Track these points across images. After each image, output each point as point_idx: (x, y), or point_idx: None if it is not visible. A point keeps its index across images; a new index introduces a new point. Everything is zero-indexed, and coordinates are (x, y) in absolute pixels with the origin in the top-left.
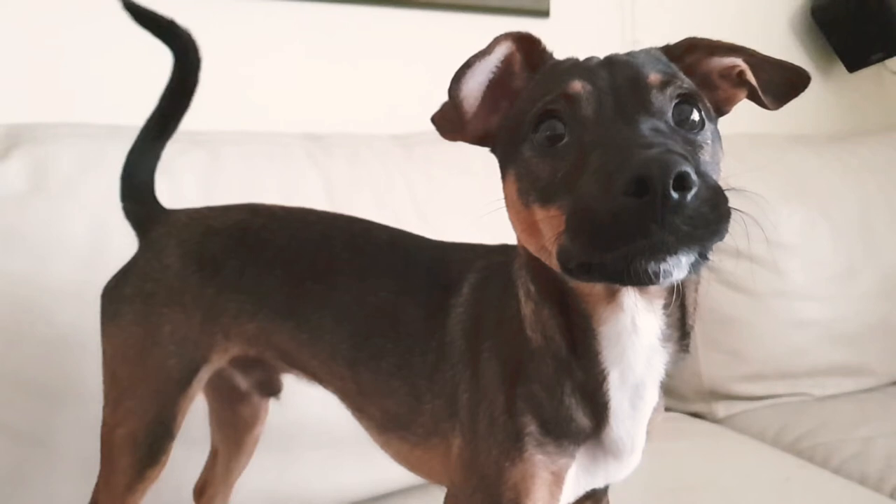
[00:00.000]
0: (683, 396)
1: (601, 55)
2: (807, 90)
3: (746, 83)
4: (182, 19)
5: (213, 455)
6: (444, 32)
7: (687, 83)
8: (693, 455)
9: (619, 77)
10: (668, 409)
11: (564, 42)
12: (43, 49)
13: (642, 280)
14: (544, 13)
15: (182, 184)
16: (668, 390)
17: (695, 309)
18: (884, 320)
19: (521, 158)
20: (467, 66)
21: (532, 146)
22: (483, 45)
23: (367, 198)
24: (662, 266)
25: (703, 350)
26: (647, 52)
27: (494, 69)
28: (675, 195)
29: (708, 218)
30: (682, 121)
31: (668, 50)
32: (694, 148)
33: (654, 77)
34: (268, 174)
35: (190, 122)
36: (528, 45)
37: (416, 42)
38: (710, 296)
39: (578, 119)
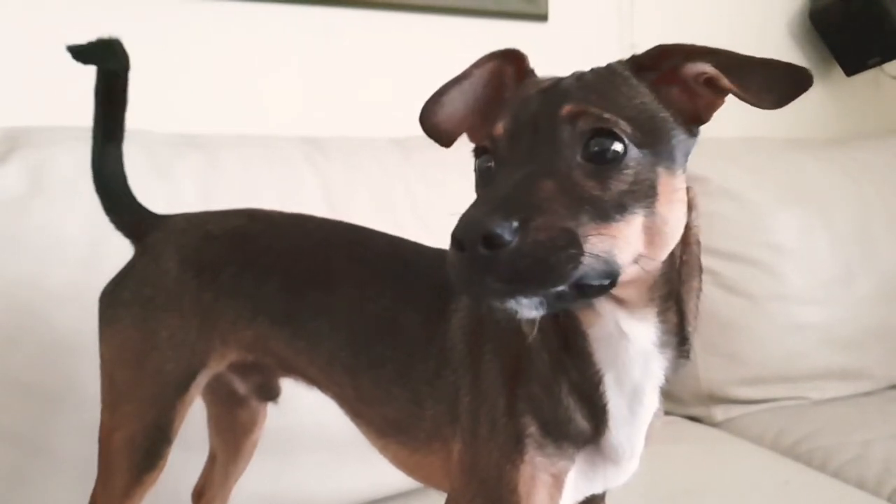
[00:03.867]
0: (681, 400)
1: (600, 59)
2: (805, 94)
3: (723, 88)
4: (179, 24)
5: (212, 459)
6: (443, 36)
7: (607, 114)
8: (691, 459)
9: (544, 108)
10: (666, 413)
11: (563, 46)
12: (42, 52)
13: (500, 317)
14: (543, 17)
15: (180, 187)
16: (666, 394)
17: (695, 316)
18: (882, 324)
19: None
20: (441, 93)
21: (477, 174)
22: (476, 57)
23: (366, 201)
24: (506, 306)
25: (702, 353)
26: (607, 68)
27: (482, 88)
28: (485, 252)
29: (530, 269)
30: (599, 152)
31: (637, 60)
32: (601, 182)
33: (566, 110)
34: (266, 177)
35: (188, 125)
36: (516, 60)
37: (415, 45)
38: (709, 299)
39: (497, 158)
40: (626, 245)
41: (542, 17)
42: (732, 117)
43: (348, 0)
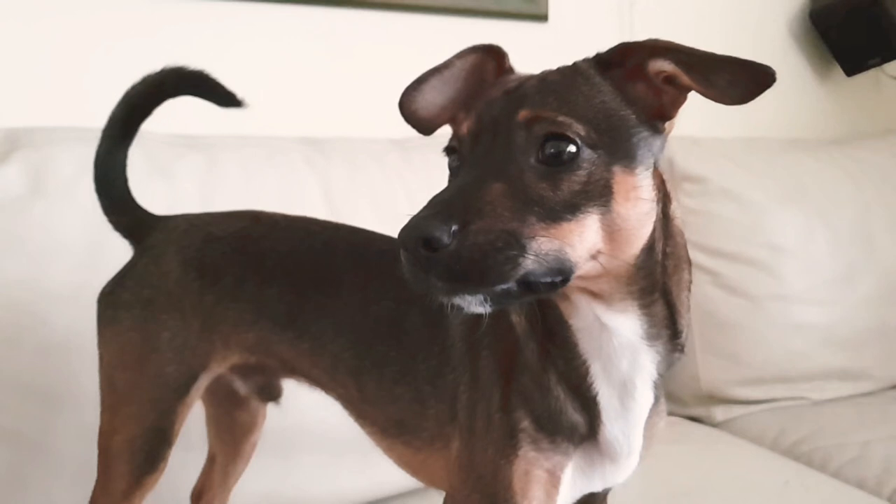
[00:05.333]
0: (682, 400)
1: None
2: (804, 94)
3: (684, 86)
4: (181, 24)
5: (211, 460)
6: (443, 36)
7: (561, 117)
8: (691, 459)
9: (504, 111)
10: (667, 413)
11: (563, 46)
12: (42, 52)
13: (450, 310)
14: (543, 17)
15: (180, 188)
16: (667, 394)
17: (687, 309)
18: (882, 324)
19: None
20: (420, 81)
21: (449, 172)
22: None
23: (366, 201)
24: (452, 302)
25: (702, 354)
26: (572, 67)
27: (463, 80)
28: (425, 254)
29: (468, 270)
30: (554, 155)
31: (602, 58)
32: (553, 183)
33: (522, 114)
34: (266, 178)
35: (188, 126)
36: (497, 56)
37: (416, 46)
38: (709, 299)
39: (461, 158)
40: (578, 243)
41: (542, 17)
42: (733, 117)
43: (348, 0)
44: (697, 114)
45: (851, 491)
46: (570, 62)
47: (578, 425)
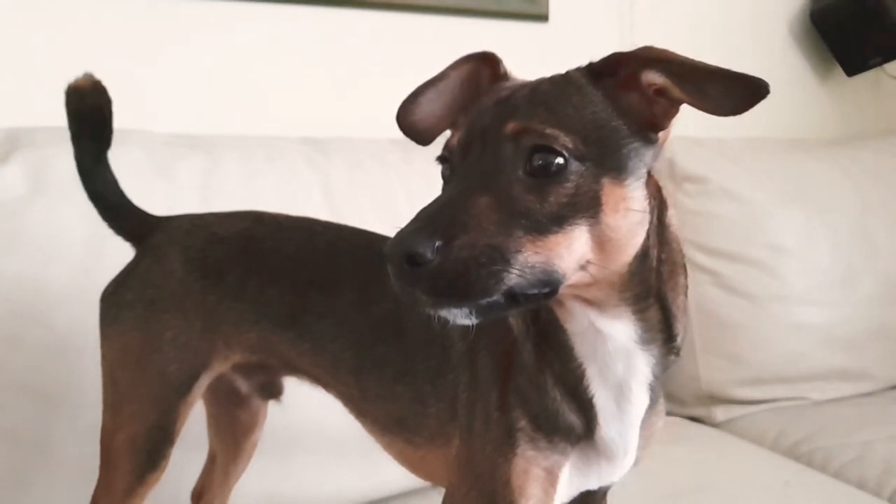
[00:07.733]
0: (682, 400)
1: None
2: (805, 94)
3: (677, 98)
4: (179, 24)
5: (211, 459)
6: (444, 36)
7: (549, 129)
8: (691, 459)
9: (493, 122)
10: (667, 414)
11: (563, 46)
12: (43, 52)
13: (436, 322)
14: (543, 17)
15: (181, 188)
16: (667, 394)
17: (684, 313)
18: (883, 325)
19: None
20: (417, 93)
21: (442, 180)
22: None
23: (366, 202)
24: (438, 314)
25: (702, 354)
26: (564, 77)
27: (458, 89)
28: (409, 269)
29: (452, 285)
30: (542, 167)
31: (594, 68)
32: (541, 195)
33: (510, 126)
34: (266, 178)
35: (189, 126)
36: (491, 63)
37: (416, 46)
38: (709, 299)
39: (452, 168)
40: (567, 255)
41: (543, 17)
42: (733, 117)
43: (348, 0)
44: (697, 114)
45: (852, 491)
46: (569, 64)
47: (575, 426)
